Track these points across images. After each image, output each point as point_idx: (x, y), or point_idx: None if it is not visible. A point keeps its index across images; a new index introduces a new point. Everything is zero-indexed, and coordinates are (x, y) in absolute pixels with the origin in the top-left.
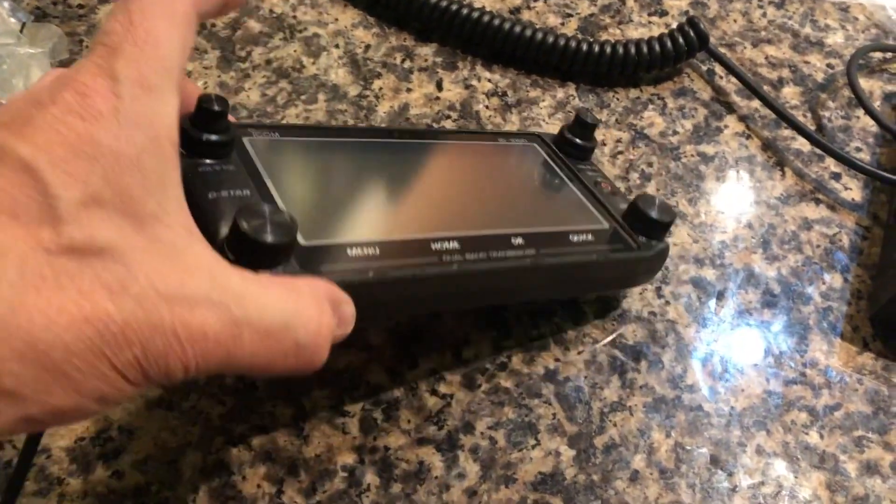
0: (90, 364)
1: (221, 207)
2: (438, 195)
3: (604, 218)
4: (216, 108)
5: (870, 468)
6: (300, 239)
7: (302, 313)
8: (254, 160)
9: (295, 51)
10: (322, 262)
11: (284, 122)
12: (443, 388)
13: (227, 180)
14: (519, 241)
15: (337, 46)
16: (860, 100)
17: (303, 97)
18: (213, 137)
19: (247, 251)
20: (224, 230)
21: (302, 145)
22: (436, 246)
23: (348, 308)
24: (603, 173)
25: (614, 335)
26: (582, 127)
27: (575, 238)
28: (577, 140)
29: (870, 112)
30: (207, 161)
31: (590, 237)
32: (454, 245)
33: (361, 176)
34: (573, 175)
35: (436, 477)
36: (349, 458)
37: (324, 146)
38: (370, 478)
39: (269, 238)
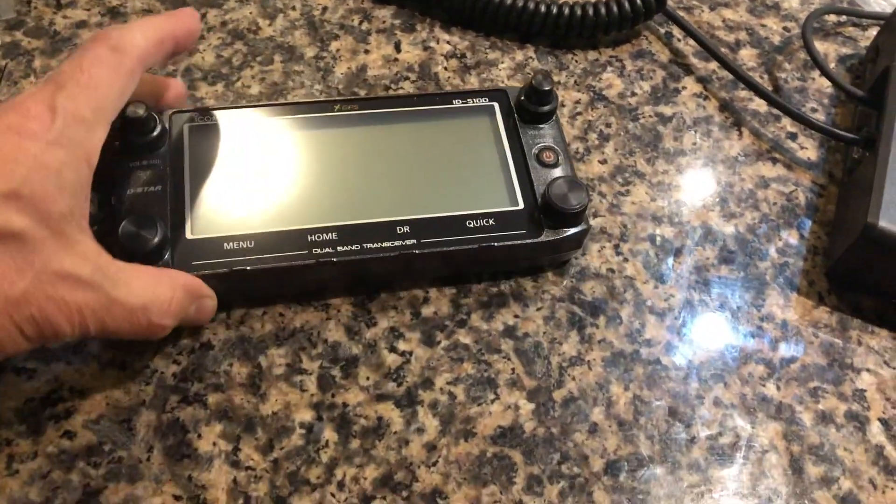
0: None
1: (132, 204)
2: (341, 182)
3: (523, 197)
4: (141, 114)
5: (825, 418)
6: (188, 233)
7: (157, 299)
8: (184, 151)
9: (250, 13)
10: (200, 255)
11: (239, 83)
12: (402, 346)
13: (149, 177)
14: (404, 229)
15: (293, 8)
16: (815, 61)
17: (258, 59)
18: (141, 140)
19: (124, 255)
20: (123, 226)
21: (232, 130)
22: (312, 238)
23: (210, 302)
24: (560, 137)
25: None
26: (537, 94)
27: (472, 224)
28: (532, 106)
29: (825, 73)
30: (138, 159)
31: (491, 222)
32: (331, 236)
33: (277, 162)
34: (516, 143)
35: (395, 432)
36: (307, 415)
37: (252, 129)
38: (328, 434)
39: (134, 246)
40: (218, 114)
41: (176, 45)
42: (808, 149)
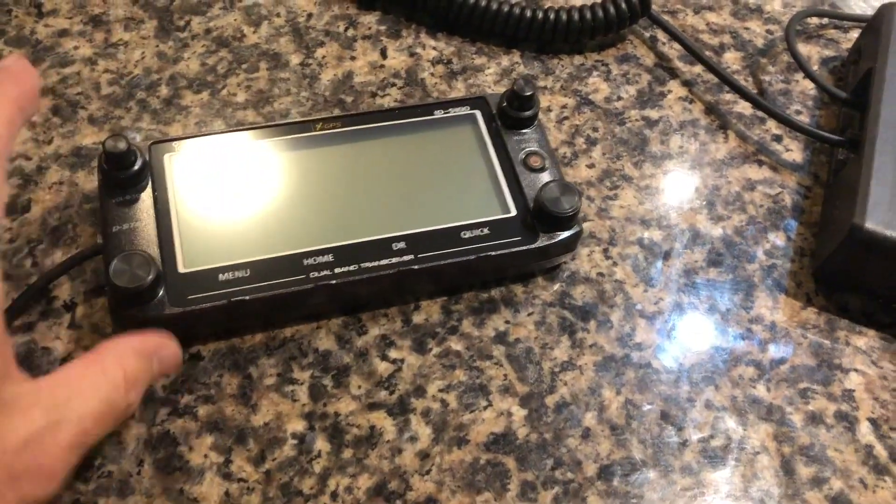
0: None
1: (119, 241)
2: (330, 201)
3: (515, 203)
4: (121, 148)
5: (815, 418)
6: (180, 267)
7: (112, 384)
8: (167, 182)
9: (235, 20)
10: (195, 288)
11: (225, 91)
12: (393, 354)
13: (134, 212)
14: (400, 245)
15: (278, 15)
16: (799, 63)
17: (244, 66)
18: (122, 174)
19: (116, 294)
20: (114, 265)
21: (215, 156)
22: (308, 261)
23: (168, 350)
24: (544, 141)
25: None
26: (519, 99)
27: (467, 234)
28: (514, 111)
29: (809, 75)
30: (121, 194)
31: (485, 231)
32: (327, 258)
33: (264, 186)
34: (501, 150)
35: (388, 441)
36: (299, 426)
37: (235, 154)
38: (321, 444)
39: (127, 285)
40: (198, 141)
41: (24, 117)
42: (793, 151)
